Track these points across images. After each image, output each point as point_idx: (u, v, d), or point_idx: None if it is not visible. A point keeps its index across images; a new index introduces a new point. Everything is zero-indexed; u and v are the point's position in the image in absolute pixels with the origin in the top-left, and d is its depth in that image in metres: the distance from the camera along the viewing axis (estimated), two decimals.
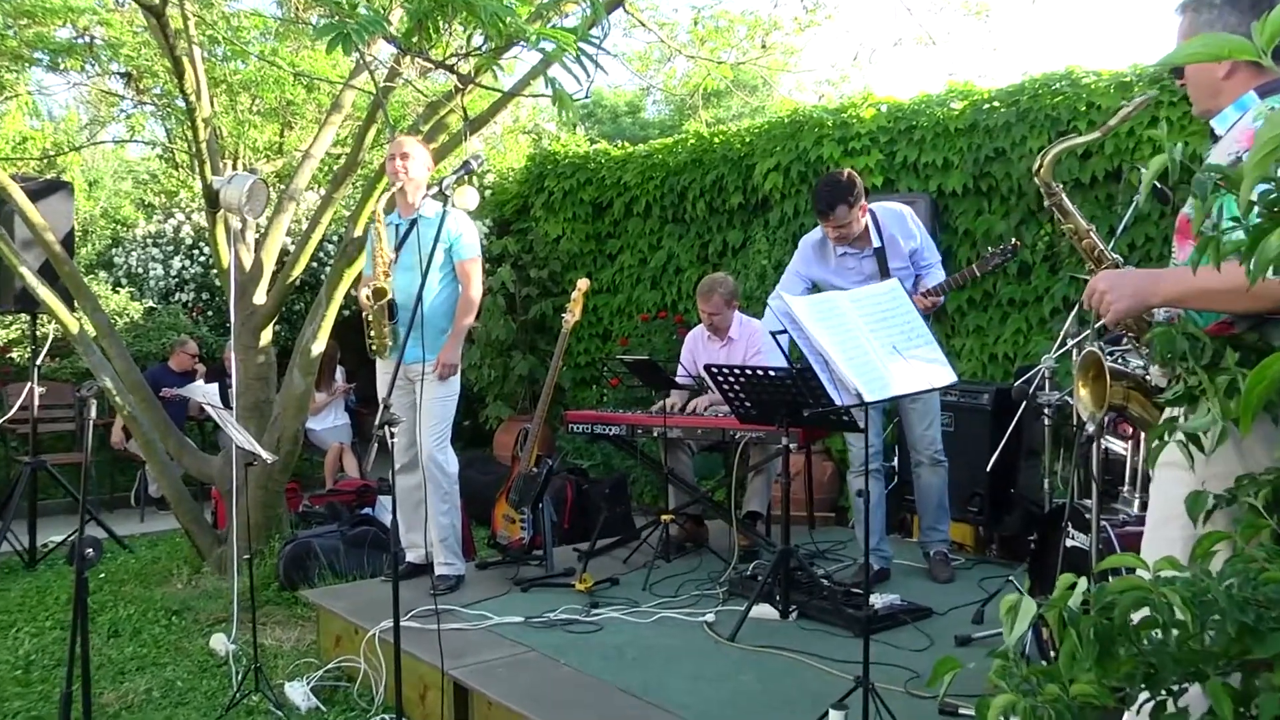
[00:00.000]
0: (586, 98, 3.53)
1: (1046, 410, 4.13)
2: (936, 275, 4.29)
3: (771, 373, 3.60)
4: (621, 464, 7.03)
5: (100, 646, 4.36)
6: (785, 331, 3.53)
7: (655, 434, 4.82)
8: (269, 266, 5.66)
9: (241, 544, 4.69)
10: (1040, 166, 2.21)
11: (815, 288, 4.36)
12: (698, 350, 5.28)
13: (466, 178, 3.43)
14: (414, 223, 4.33)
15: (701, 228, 7.33)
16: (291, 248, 7.37)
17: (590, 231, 8.13)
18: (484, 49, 2.92)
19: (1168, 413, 1.86)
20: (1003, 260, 4.13)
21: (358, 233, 5.32)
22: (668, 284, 7.58)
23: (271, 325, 5.65)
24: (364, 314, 4.33)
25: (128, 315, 8.58)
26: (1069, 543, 3.23)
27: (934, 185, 5.79)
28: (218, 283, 8.31)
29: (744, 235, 6.97)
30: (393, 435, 3.09)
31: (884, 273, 4.13)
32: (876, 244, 4.21)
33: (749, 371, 3.66)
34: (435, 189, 3.60)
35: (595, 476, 6.46)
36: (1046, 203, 2.24)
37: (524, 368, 7.92)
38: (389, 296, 4.24)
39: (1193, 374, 1.61)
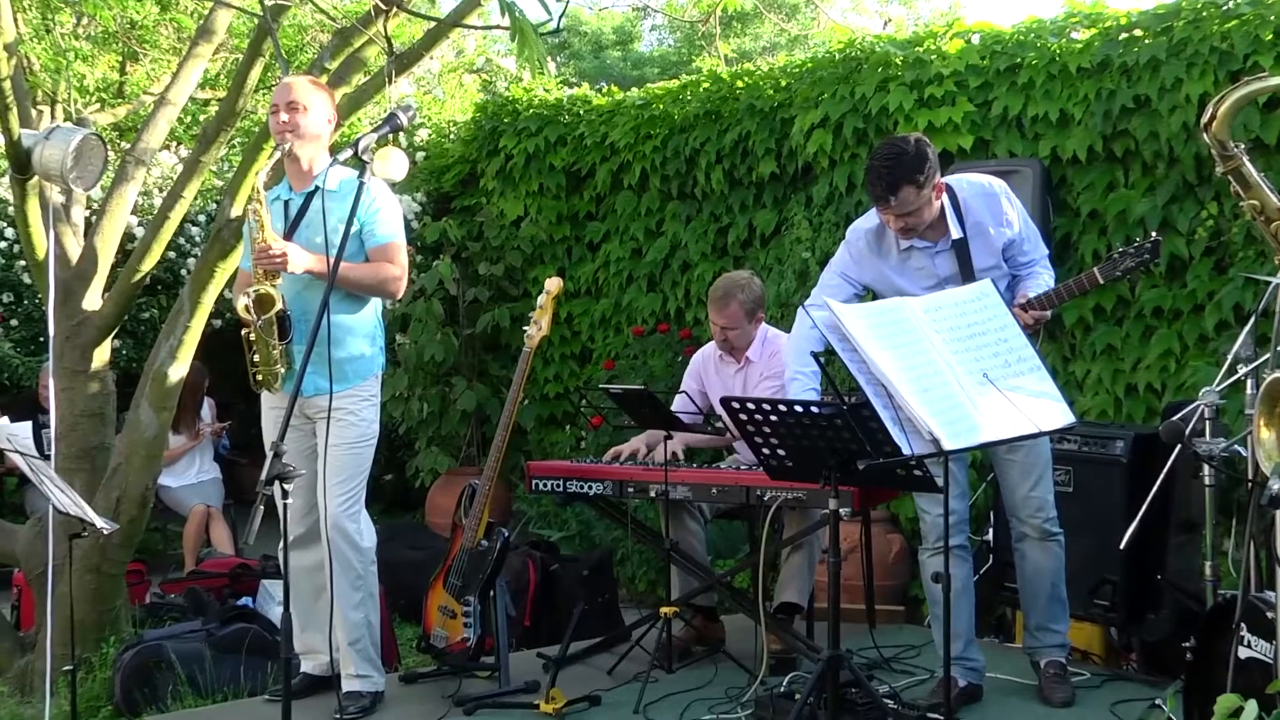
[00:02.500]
0: (558, 32, 3.53)
1: (1209, 464, 4.14)
2: (1042, 279, 4.26)
3: (815, 409, 3.61)
4: (605, 536, 7.01)
5: None
6: (829, 353, 3.54)
7: (653, 493, 4.83)
8: (106, 258, 5.66)
9: (59, 651, 4.64)
10: (1213, 119, 2.23)
11: (870, 295, 4.35)
12: (707, 376, 5.29)
13: (391, 136, 3.45)
14: (311, 198, 4.34)
15: (718, 207, 7.34)
16: (140, 232, 7.37)
17: (564, 211, 8.14)
18: None
19: None
20: (1139, 262, 4.10)
21: (236, 212, 5.33)
22: (671, 285, 7.59)
23: (110, 340, 5.64)
24: (244, 330, 4.33)
25: None
26: (1243, 653, 3.23)
27: (1046, 148, 5.82)
28: (29, 280, 8.28)
29: (778, 217, 6.99)
30: (284, 495, 3.08)
31: (966, 275, 4.11)
32: (957, 234, 4.18)
33: (782, 408, 3.66)
34: (348, 152, 3.60)
35: (569, 553, 6.43)
36: (1220, 170, 2.26)
37: (469, 401, 7.91)
38: (279, 306, 4.24)
39: None
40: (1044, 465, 4.32)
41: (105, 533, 4.10)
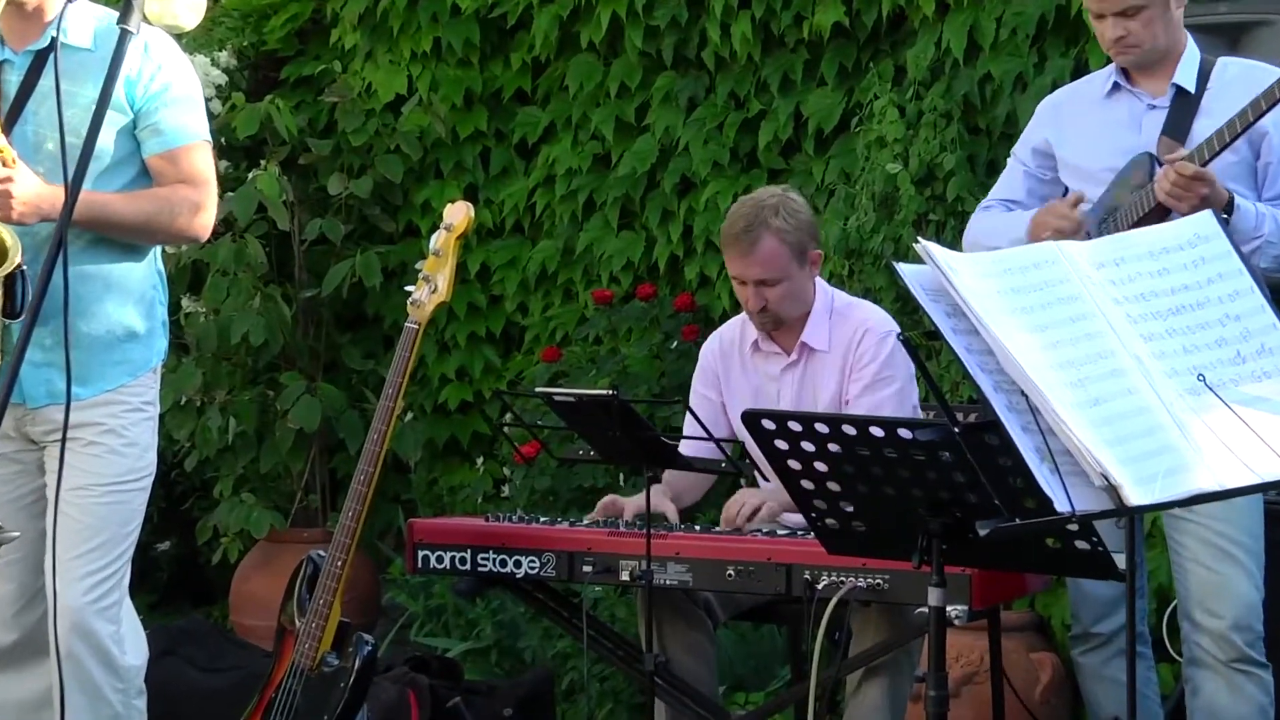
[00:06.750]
0: None
1: None
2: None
3: (906, 433, 3.63)
4: (542, 649, 7.04)
5: None
6: (931, 336, 3.58)
7: (626, 576, 4.87)
8: None
9: None
10: None
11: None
12: (728, 378, 5.34)
13: None
14: (41, 61, 4.39)
15: (742, 84, 7.41)
16: None
17: (477, 88, 8.20)
18: None
19: None
20: None
21: None
22: (659, 218, 7.66)
23: None
24: None
25: None
26: None
27: None
28: None
29: (845, 103, 7.05)
30: None
31: (1176, 139, 4.41)
32: (1187, 85, 4.53)
33: (849, 429, 3.65)
34: None
35: (479, 678, 6.48)
36: None
37: (309, 414, 7.93)
38: (16, 261, 4.25)
39: None
40: (1244, 536, 4.35)
41: None
